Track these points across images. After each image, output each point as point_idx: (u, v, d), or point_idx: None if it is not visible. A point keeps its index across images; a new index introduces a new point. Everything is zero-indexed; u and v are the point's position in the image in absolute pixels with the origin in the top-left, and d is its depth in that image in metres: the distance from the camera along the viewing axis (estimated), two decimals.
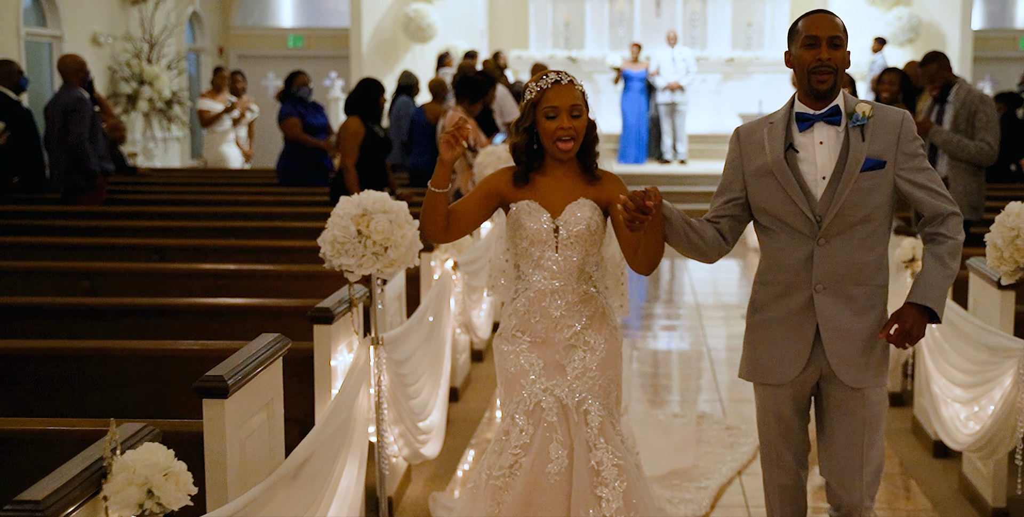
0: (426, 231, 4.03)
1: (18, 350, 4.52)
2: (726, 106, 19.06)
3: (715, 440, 6.33)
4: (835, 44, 3.69)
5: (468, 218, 4.07)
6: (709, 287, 11.78)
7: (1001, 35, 20.89)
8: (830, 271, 3.73)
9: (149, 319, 5.29)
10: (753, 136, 3.84)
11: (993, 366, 4.75)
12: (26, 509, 2.21)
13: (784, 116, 3.81)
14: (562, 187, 4.03)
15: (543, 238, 4.01)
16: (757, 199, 3.82)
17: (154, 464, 2.42)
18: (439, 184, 3.91)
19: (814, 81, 3.69)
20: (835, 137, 3.74)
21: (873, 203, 3.71)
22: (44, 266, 6.57)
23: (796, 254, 3.76)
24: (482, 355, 8.29)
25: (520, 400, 3.99)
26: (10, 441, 3.50)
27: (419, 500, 5.56)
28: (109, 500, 2.42)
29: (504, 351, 4.10)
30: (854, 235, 3.72)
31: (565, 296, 4.04)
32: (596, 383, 4.02)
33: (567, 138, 3.94)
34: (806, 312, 3.76)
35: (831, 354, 3.75)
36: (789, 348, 3.80)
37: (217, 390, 3.22)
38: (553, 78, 3.96)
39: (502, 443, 3.98)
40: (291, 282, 6.24)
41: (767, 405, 3.91)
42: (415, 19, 18.95)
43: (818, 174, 3.73)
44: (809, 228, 3.73)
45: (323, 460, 3.76)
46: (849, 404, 3.79)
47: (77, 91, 9.55)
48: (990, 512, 5.19)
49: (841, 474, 3.82)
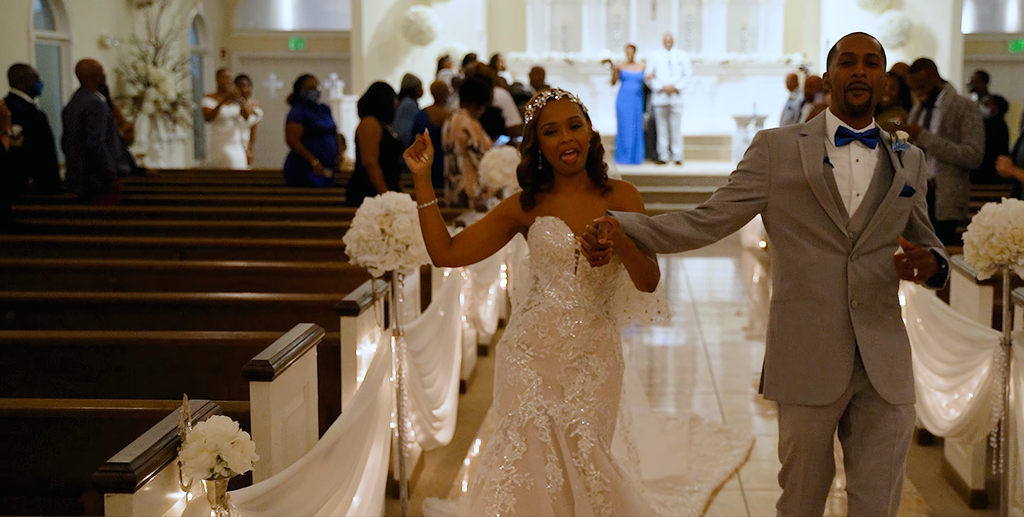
0: (430, 253, 4.04)
1: (64, 340, 4.85)
2: (721, 108, 19.35)
3: (707, 443, 6.42)
4: (871, 62, 3.69)
5: (475, 239, 4.04)
6: (704, 285, 12.11)
7: (991, 38, 21.20)
8: (863, 287, 3.71)
9: (179, 313, 5.62)
10: (785, 146, 3.79)
11: (971, 356, 5.09)
12: (118, 470, 2.55)
13: (820, 130, 3.79)
14: (576, 203, 3.99)
15: (563, 257, 3.95)
16: (788, 210, 3.77)
17: (222, 433, 2.75)
18: (421, 198, 3.97)
19: (850, 97, 3.69)
20: (869, 157, 3.74)
21: (899, 227, 3.75)
22: (71, 263, 6.88)
23: (829, 269, 3.72)
24: (487, 350, 8.62)
25: (514, 415, 3.95)
26: (73, 419, 3.84)
27: (432, 484, 5.89)
28: (184, 465, 2.76)
29: (506, 361, 4.07)
30: (880, 255, 3.73)
31: (577, 318, 3.99)
32: (593, 409, 3.98)
33: (570, 151, 3.91)
34: (845, 328, 3.73)
35: (872, 370, 3.72)
36: (832, 366, 3.73)
37: (263, 373, 3.57)
38: (547, 96, 3.97)
39: (493, 456, 3.95)
40: (308, 279, 6.56)
41: (805, 429, 3.81)
42: (415, 22, 19.21)
43: (852, 190, 3.73)
44: (843, 243, 3.71)
45: (352, 441, 4.09)
46: (884, 420, 3.76)
47: (94, 94, 9.87)
48: (969, 494, 5.54)
49: (872, 490, 3.77)
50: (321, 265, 6.78)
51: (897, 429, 3.75)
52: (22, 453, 3.93)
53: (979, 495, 5.49)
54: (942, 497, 5.69)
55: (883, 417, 3.75)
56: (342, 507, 3.92)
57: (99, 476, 2.55)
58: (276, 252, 7.43)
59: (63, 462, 3.88)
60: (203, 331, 5.09)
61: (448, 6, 19.54)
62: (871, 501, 3.76)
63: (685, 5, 19.97)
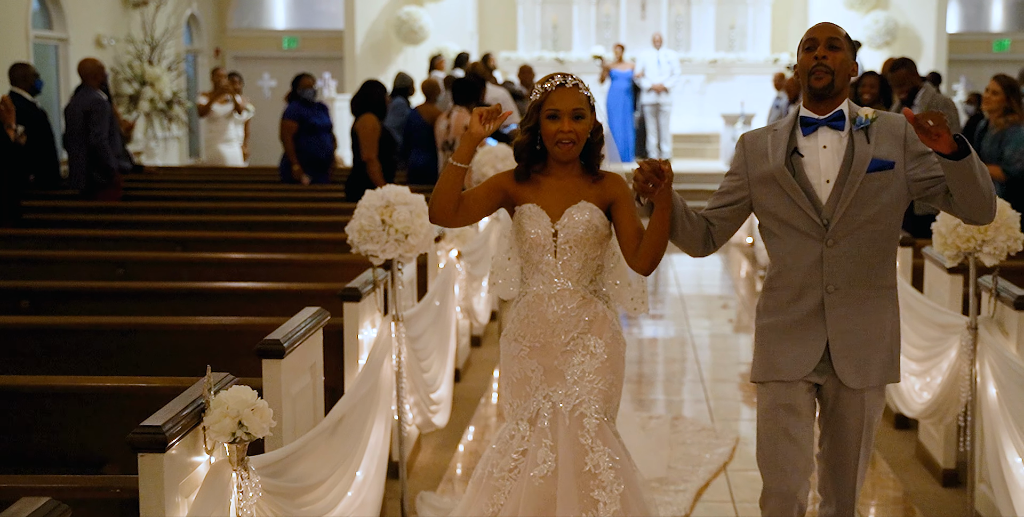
0: (437, 208, 3.98)
1: (80, 325, 5.10)
2: (709, 107, 19.59)
3: (691, 441, 6.47)
4: (833, 46, 3.75)
5: (475, 206, 4.05)
6: (693, 280, 12.37)
7: (975, 38, 21.46)
8: (840, 272, 3.79)
9: (186, 301, 5.86)
10: (757, 143, 3.90)
11: (942, 341, 5.36)
12: (151, 432, 2.80)
13: (789, 123, 3.87)
14: (564, 187, 4.04)
15: (542, 243, 4.00)
16: (764, 204, 3.88)
17: (243, 401, 3.00)
18: (461, 158, 3.91)
19: (812, 80, 3.75)
20: (838, 141, 3.79)
21: (880, 203, 3.76)
22: (79, 255, 7.12)
23: (806, 256, 3.81)
24: (480, 341, 8.88)
25: (525, 406, 4.03)
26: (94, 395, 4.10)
27: (429, 466, 6.15)
28: (208, 430, 3.01)
29: (508, 354, 4.12)
30: (861, 236, 3.77)
31: (563, 301, 4.02)
32: (596, 386, 4.00)
33: (567, 141, 3.94)
34: (818, 314, 3.82)
35: (836, 356, 3.82)
36: (802, 348, 3.84)
37: (275, 351, 3.83)
38: (559, 80, 3.98)
39: (506, 444, 4.01)
40: (308, 269, 6.81)
41: (775, 401, 3.90)
42: (407, 22, 19.42)
43: (822, 177, 3.79)
44: (816, 231, 3.79)
45: (356, 420, 4.34)
46: (849, 402, 3.88)
47: (96, 93, 10.10)
48: (941, 473, 5.81)
49: (837, 470, 3.95)
50: (320, 257, 7.03)
51: (861, 412, 3.88)
52: (44, 428, 4.17)
53: (950, 474, 5.76)
54: (916, 476, 5.96)
55: (849, 400, 3.88)
56: (346, 481, 4.16)
57: (134, 437, 2.81)
58: (275, 245, 7.67)
59: (85, 436, 4.12)
60: (211, 317, 5.35)
61: (440, 6, 19.75)
62: (835, 480, 3.97)
63: (674, 5, 20.21)
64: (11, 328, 5.11)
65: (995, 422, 4.62)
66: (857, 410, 3.88)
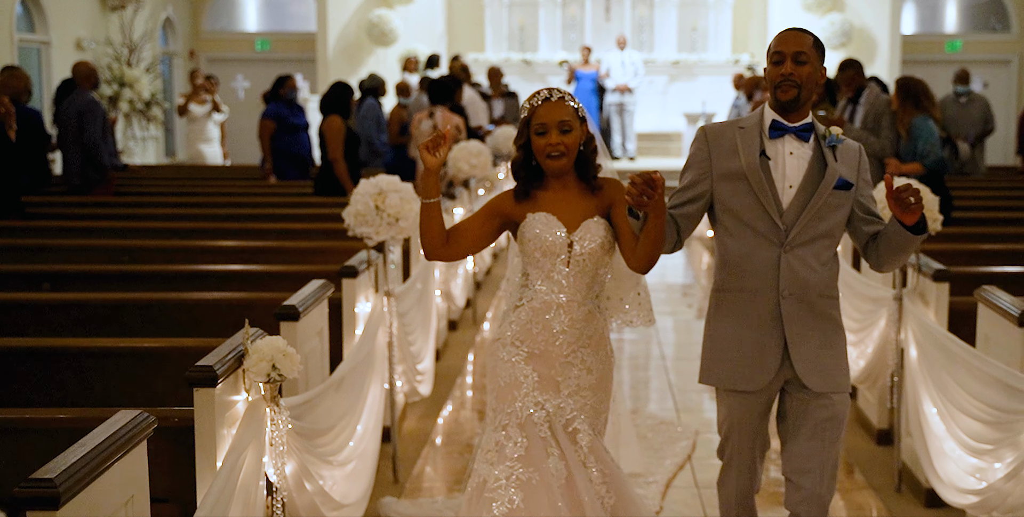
0: (426, 247, 4.02)
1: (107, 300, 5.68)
2: (672, 106, 20.17)
3: (651, 436, 6.60)
4: (800, 60, 3.77)
5: (469, 234, 4.05)
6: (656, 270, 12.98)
7: (929, 39, 22.10)
8: (795, 278, 3.82)
9: (194, 282, 6.43)
10: (723, 138, 3.90)
11: (873, 313, 6.02)
12: (204, 370, 3.41)
13: (756, 123, 3.89)
14: (568, 199, 4.03)
15: (556, 251, 3.97)
16: (727, 201, 3.88)
17: (276, 348, 3.61)
18: (428, 194, 3.94)
19: (778, 93, 3.79)
20: (803, 150, 3.84)
21: (834, 219, 3.84)
22: (86, 244, 7.66)
23: (762, 259, 3.84)
24: (456, 324, 9.50)
25: (512, 411, 3.99)
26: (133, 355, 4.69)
27: (414, 432, 6.78)
28: (248, 372, 3.61)
29: (500, 358, 4.07)
30: (814, 247, 3.83)
31: (571, 312, 4.01)
32: (588, 403, 4.03)
33: (556, 154, 3.93)
34: (774, 318, 3.84)
35: (797, 360, 3.83)
36: (761, 354, 3.86)
37: (292, 315, 4.45)
38: (544, 95, 3.98)
39: (495, 455, 3.98)
40: (300, 255, 7.40)
41: (736, 412, 3.97)
42: (378, 24, 19.92)
43: (785, 182, 3.82)
44: (776, 234, 3.82)
45: (356, 379, 4.95)
46: (815, 407, 3.88)
47: (90, 94, 10.65)
48: (875, 432, 6.49)
49: (806, 473, 3.89)
50: (310, 243, 7.62)
51: (828, 415, 3.87)
52: (85, 385, 4.74)
53: (883, 433, 6.42)
54: (853, 437, 6.62)
55: (814, 404, 3.87)
56: (350, 431, 4.76)
57: (191, 375, 3.40)
58: (266, 234, 8.23)
59: (127, 391, 4.69)
60: (224, 292, 5.95)
61: (410, 8, 20.23)
62: (805, 484, 3.88)
63: (638, 7, 20.75)
64: (43, 303, 5.68)
65: (915, 379, 5.28)
66: (827, 414, 3.88)
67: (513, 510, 3.86)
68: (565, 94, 4.01)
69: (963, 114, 13.93)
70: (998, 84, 21.09)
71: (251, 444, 3.55)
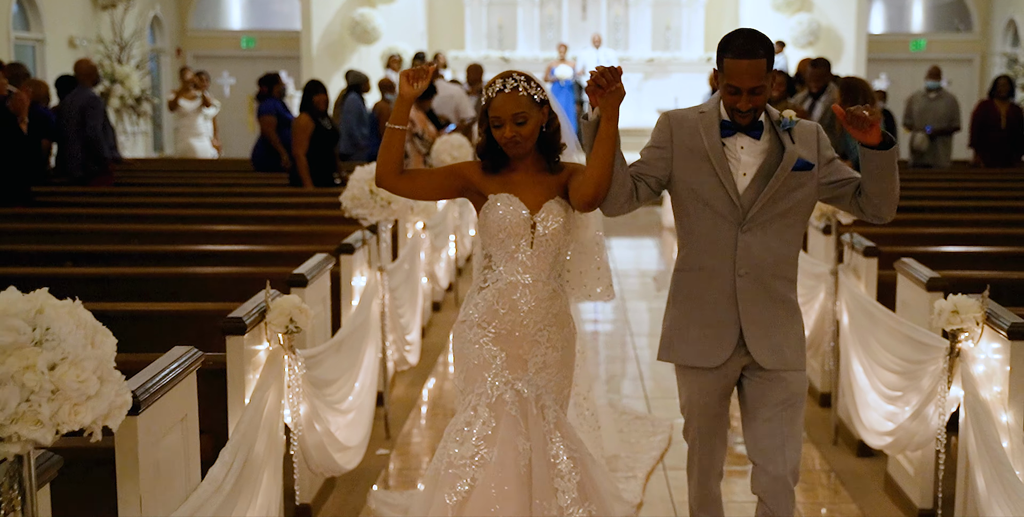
0: (379, 170, 4.06)
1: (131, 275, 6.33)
2: (646, 102, 20.58)
3: (628, 429, 6.68)
4: (754, 92, 3.78)
5: (425, 180, 4.12)
6: (631, 261, 13.70)
7: (894, 38, 22.78)
8: (751, 258, 3.85)
9: (204, 261, 7.07)
10: (684, 121, 3.93)
11: (815, 288, 6.72)
12: (235, 321, 4.07)
13: (715, 107, 3.92)
14: (533, 182, 4.08)
15: (519, 231, 4.02)
16: (687, 179, 3.90)
17: (293, 304, 4.29)
18: (397, 120, 4.00)
19: (737, 117, 3.85)
20: (754, 144, 3.88)
21: (794, 199, 3.85)
22: (99, 228, 8.28)
23: (721, 239, 3.87)
24: (440, 305, 10.17)
25: (482, 392, 4.04)
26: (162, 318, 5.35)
27: (403, 398, 7.46)
28: (269, 324, 4.29)
29: (467, 339, 4.11)
30: (773, 227, 3.85)
31: (536, 292, 4.05)
32: (553, 379, 4.10)
33: (512, 144, 3.99)
34: (730, 297, 3.88)
35: (749, 339, 3.88)
36: (717, 332, 3.92)
37: (301, 282, 5.12)
38: (498, 86, 4.01)
39: (463, 434, 4.00)
40: (294, 237, 8.04)
41: (696, 392, 4.03)
42: (361, 23, 20.47)
43: (740, 170, 3.86)
44: (734, 214, 3.84)
45: (354, 342, 5.62)
46: (771, 387, 3.92)
47: (91, 90, 11.29)
48: (819, 396, 7.20)
49: (765, 453, 3.93)
50: (307, 227, 8.26)
51: (785, 395, 3.92)
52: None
53: (825, 396, 7.12)
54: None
55: (770, 384, 3.93)
56: (349, 387, 5.43)
57: (224, 325, 4.07)
58: (262, 220, 8.86)
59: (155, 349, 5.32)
60: (233, 267, 6.61)
61: (392, 7, 20.74)
62: (770, 468, 3.92)
63: (613, 6, 21.28)
64: (69, 277, 6.31)
65: (847, 343, 5.97)
66: (783, 394, 3.93)
67: (479, 489, 3.92)
68: (520, 82, 4.01)
69: (929, 108, 14.66)
70: (961, 82, 21.77)
71: (272, 386, 4.23)
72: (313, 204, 9.60)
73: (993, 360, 4.25)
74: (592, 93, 3.79)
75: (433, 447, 6.55)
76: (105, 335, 2.36)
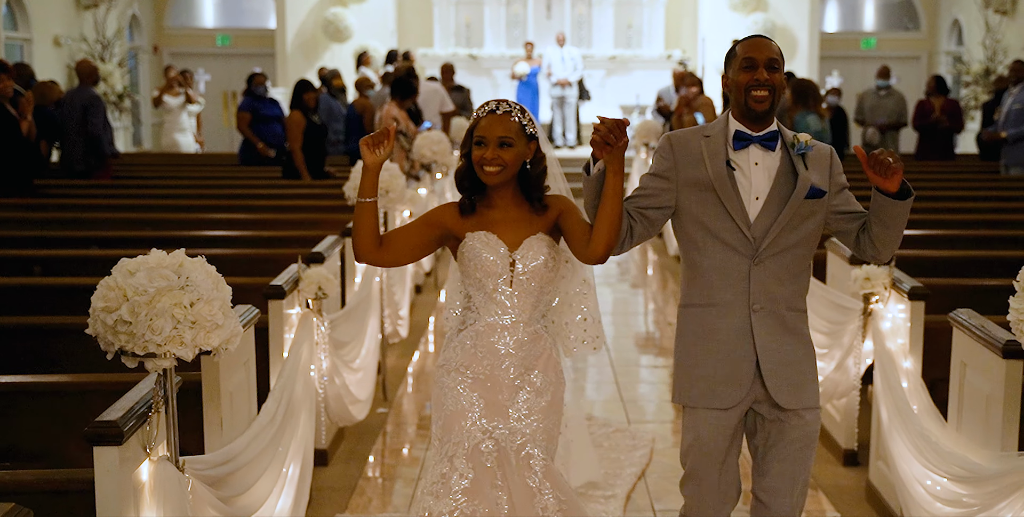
0: (357, 248, 3.86)
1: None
2: (609, 98, 21.38)
3: (607, 445, 6.46)
4: (772, 67, 3.65)
5: (404, 243, 3.88)
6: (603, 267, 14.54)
7: (846, 37, 23.53)
8: (765, 291, 3.67)
9: (213, 247, 7.88)
10: (688, 146, 3.75)
11: None
12: (276, 288, 4.94)
13: (721, 131, 3.75)
14: (513, 219, 3.89)
15: (498, 270, 3.83)
16: (693, 211, 3.73)
17: (322, 274, 5.17)
18: (365, 193, 3.82)
19: (751, 101, 3.65)
20: (769, 160, 3.70)
21: (806, 229, 3.68)
22: (112, 217, 9.09)
23: (733, 273, 3.68)
24: (421, 288, 11.04)
25: (459, 441, 3.84)
26: None
27: (395, 367, 8.33)
28: (302, 291, 5.15)
29: (445, 386, 3.92)
30: (785, 258, 3.68)
31: (516, 333, 3.88)
32: (540, 426, 3.88)
33: (491, 167, 3.79)
34: (746, 332, 3.68)
35: (768, 376, 3.68)
36: (734, 369, 3.71)
37: (319, 259, 5.97)
38: (490, 107, 3.86)
39: (439, 486, 3.81)
40: (289, 225, 8.87)
41: (705, 430, 3.78)
42: (333, 21, 21.10)
43: (751, 194, 3.67)
44: (745, 246, 3.66)
45: (360, 313, 6.49)
46: (787, 425, 3.74)
47: (91, 89, 12.07)
48: None
49: (772, 492, 3.79)
50: (307, 216, 9.10)
51: (800, 434, 3.75)
52: None
53: None
54: None
55: (786, 422, 3.74)
56: (357, 351, 6.30)
57: (267, 290, 4.93)
58: (257, 209, 9.66)
59: None
60: (249, 249, 7.45)
61: (363, 6, 21.37)
62: (773, 504, 3.79)
63: (576, 5, 21.94)
64: (95, 258, 7.13)
65: None
66: (799, 433, 3.77)
67: None
68: (514, 109, 3.87)
69: (880, 105, 15.62)
70: (909, 79, 22.63)
71: (305, 342, 5.09)
72: (316, 194, 10.47)
73: (898, 319, 5.19)
74: (599, 148, 3.60)
75: (421, 408, 7.42)
76: (224, 283, 3.19)
